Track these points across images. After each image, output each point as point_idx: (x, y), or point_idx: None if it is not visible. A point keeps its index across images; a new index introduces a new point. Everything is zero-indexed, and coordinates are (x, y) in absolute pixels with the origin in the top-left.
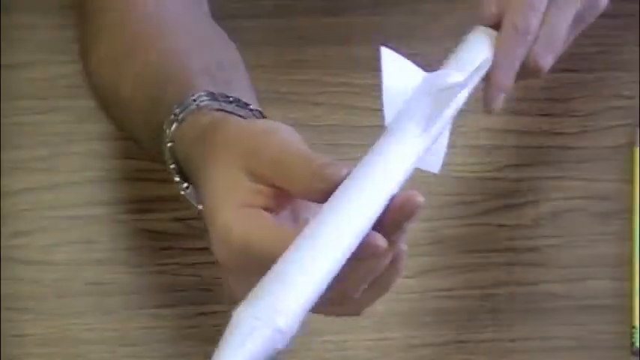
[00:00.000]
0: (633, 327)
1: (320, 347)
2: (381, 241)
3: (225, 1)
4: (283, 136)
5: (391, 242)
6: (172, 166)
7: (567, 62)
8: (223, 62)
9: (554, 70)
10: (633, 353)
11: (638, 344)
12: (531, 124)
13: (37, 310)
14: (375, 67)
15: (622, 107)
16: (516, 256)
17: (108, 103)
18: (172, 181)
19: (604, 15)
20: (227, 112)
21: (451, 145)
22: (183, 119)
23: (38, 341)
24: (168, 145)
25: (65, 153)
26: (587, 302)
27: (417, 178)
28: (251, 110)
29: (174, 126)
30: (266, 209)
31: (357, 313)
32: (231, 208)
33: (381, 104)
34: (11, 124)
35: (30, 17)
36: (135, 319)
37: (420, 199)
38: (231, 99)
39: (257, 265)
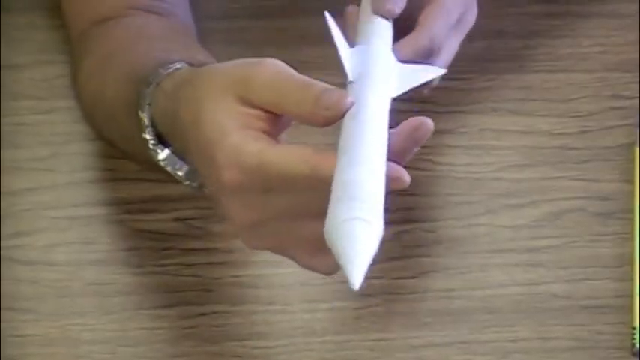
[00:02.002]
0: (633, 327)
1: (321, 347)
2: (406, 176)
3: (226, 1)
4: (273, 62)
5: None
6: (148, 129)
7: (567, 62)
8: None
9: (553, 70)
10: (633, 354)
11: (638, 345)
12: (531, 124)
13: (37, 311)
14: None
15: (622, 108)
16: (517, 257)
17: (95, 111)
18: (172, 181)
19: (604, 15)
20: None
21: (452, 146)
22: (160, 81)
23: (38, 341)
24: (147, 110)
25: (65, 153)
26: (587, 303)
27: (417, 178)
28: None
29: (151, 88)
30: (265, 133)
31: None
32: (237, 131)
33: (340, 63)
34: (11, 124)
35: (30, 17)
36: (135, 319)
37: (429, 123)
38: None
39: (269, 183)
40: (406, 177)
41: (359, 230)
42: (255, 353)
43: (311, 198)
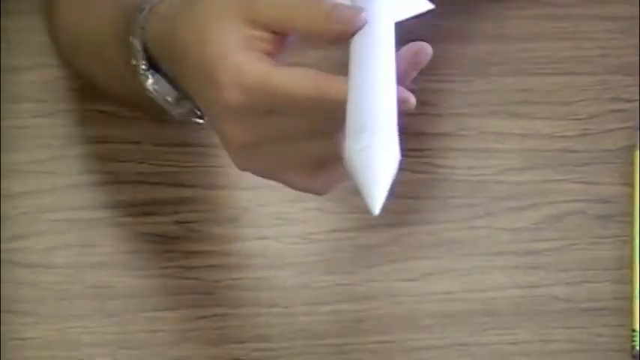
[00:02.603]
0: (633, 330)
1: (322, 350)
2: (412, 98)
3: None
4: None
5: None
6: (140, 54)
7: (568, 65)
8: None
9: (554, 73)
10: (633, 356)
11: (638, 347)
12: (532, 127)
13: (36, 314)
14: None
15: (622, 110)
16: (517, 259)
17: (76, 48)
18: (173, 185)
19: (605, 18)
20: None
21: (452, 149)
22: (153, 5)
23: (38, 345)
24: (139, 34)
25: (65, 156)
26: (587, 305)
27: (418, 181)
28: None
29: (144, 13)
30: (268, 54)
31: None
32: (241, 51)
33: None
34: (11, 127)
35: (30, 20)
36: (135, 322)
37: (429, 48)
38: None
39: (272, 104)
40: (412, 99)
41: (377, 158)
42: (256, 356)
43: (313, 120)
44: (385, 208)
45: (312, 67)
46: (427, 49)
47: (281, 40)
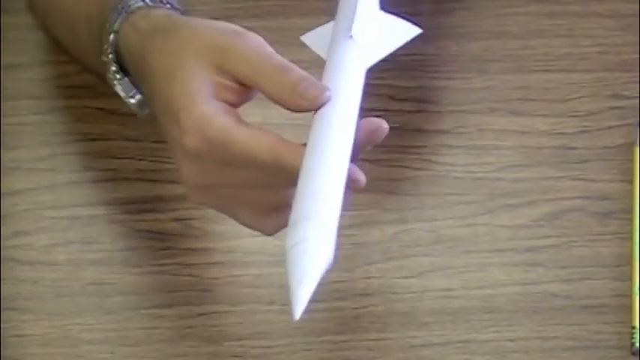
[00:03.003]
0: (633, 327)
1: (319, 347)
2: (362, 176)
3: (226, 1)
4: (256, 38)
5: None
6: (111, 56)
7: (566, 62)
8: None
9: (552, 70)
10: (633, 353)
11: (637, 344)
12: (530, 124)
13: (36, 311)
14: (374, 67)
15: (621, 107)
16: (516, 256)
17: (48, 15)
18: (171, 182)
19: (603, 15)
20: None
21: (451, 146)
22: (131, 11)
23: (38, 341)
24: (111, 37)
25: (65, 153)
26: (586, 302)
27: (417, 178)
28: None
29: (120, 17)
30: (231, 104)
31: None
32: (207, 101)
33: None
34: (11, 124)
35: (30, 17)
36: (134, 320)
37: (386, 125)
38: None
39: (230, 159)
40: (362, 179)
41: (308, 255)
42: (254, 353)
43: (268, 176)
44: (384, 206)
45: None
46: (384, 126)
47: (248, 92)
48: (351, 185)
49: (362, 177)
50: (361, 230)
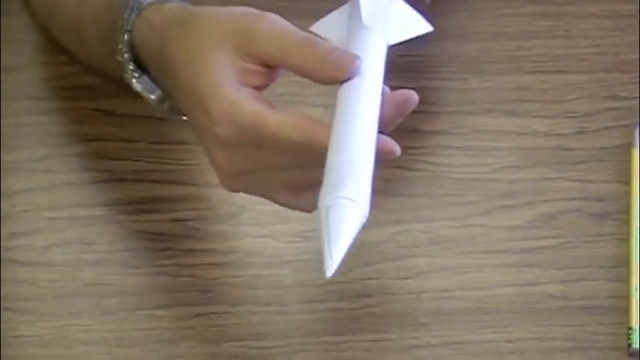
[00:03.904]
0: (630, 328)
1: (318, 348)
2: (397, 147)
3: (225, 2)
4: (276, 17)
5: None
6: (127, 55)
7: (563, 63)
8: None
9: (549, 71)
10: (630, 354)
11: (634, 345)
12: (527, 125)
13: (34, 311)
14: None
15: (618, 108)
16: (513, 257)
17: (51, 21)
18: (171, 182)
19: (600, 16)
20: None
21: (448, 147)
22: (142, 8)
23: (36, 342)
24: (125, 36)
25: (64, 154)
26: (583, 303)
27: (414, 179)
28: None
29: (133, 14)
30: (257, 88)
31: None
32: (234, 87)
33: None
34: (10, 125)
35: (29, 19)
36: (132, 320)
37: (416, 96)
38: None
39: (261, 142)
40: (397, 148)
41: (343, 217)
42: (253, 354)
43: (300, 156)
44: (381, 206)
45: None
46: (414, 97)
47: (272, 73)
48: (386, 156)
49: (396, 148)
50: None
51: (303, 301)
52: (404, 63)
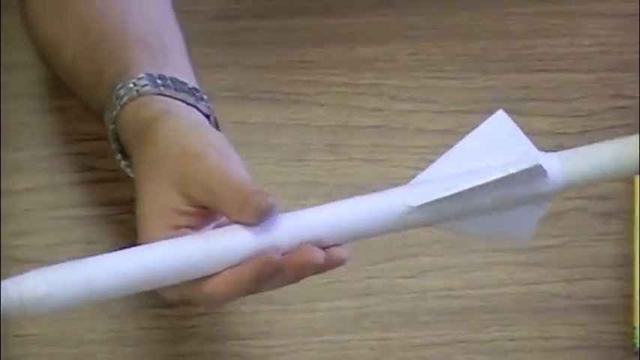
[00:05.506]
0: (634, 327)
1: (321, 347)
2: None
3: (227, 2)
4: (214, 161)
5: None
6: (114, 145)
7: (567, 62)
8: (159, 28)
9: (554, 70)
10: (634, 353)
11: (638, 344)
12: (532, 124)
13: None
14: (376, 67)
15: (622, 107)
16: (517, 256)
17: (49, 54)
18: None
19: (604, 15)
20: (166, 95)
21: (452, 146)
22: (124, 104)
23: (39, 341)
24: (111, 127)
25: (66, 153)
26: (587, 302)
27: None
28: (189, 90)
29: (115, 110)
30: (192, 228)
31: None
32: (161, 229)
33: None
34: (12, 124)
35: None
36: (136, 320)
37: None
38: (168, 81)
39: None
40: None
41: None
42: (256, 353)
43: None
44: None
45: (311, 64)
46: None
47: (210, 214)
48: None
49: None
50: None
51: (306, 300)
52: (408, 62)
